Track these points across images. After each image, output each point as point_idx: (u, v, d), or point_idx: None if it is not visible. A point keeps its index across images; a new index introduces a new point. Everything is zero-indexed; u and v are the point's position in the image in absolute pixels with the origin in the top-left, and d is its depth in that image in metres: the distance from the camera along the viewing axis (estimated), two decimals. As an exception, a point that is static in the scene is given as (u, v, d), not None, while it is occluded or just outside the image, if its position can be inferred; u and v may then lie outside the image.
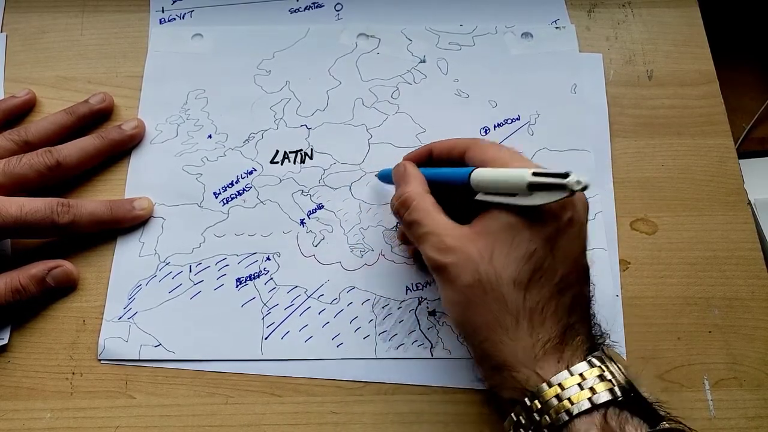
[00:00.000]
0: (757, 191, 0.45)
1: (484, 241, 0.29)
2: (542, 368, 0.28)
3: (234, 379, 0.36)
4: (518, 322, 0.28)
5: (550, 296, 0.29)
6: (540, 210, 0.29)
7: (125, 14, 0.46)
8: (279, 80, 0.44)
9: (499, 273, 0.29)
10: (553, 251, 0.29)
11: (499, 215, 0.30)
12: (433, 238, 0.31)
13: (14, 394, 0.36)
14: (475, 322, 0.29)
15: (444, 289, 0.31)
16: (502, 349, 0.29)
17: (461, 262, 0.29)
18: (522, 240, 0.29)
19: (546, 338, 0.28)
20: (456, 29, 0.45)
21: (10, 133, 0.39)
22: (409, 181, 0.34)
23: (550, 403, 0.27)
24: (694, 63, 0.45)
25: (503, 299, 0.28)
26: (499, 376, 0.29)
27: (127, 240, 0.39)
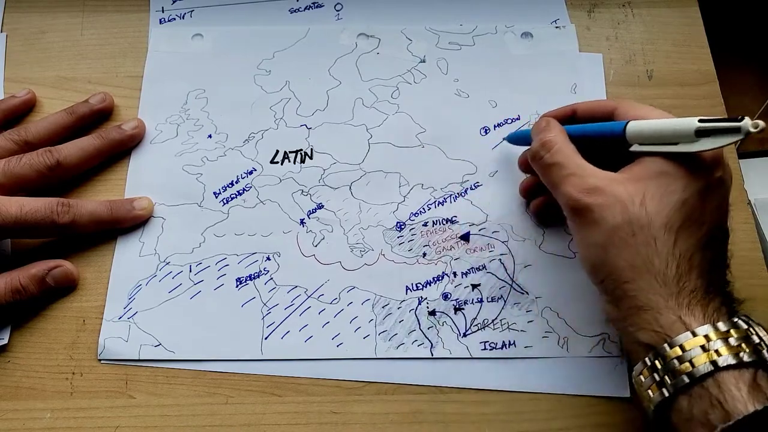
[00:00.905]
0: (757, 191, 0.45)
1: (635, 185, 0.30)
2: (687, 316, 0.28)
3: (234, 379, 0.36)
4: (667, 266, 0.28)
5: (697, 247, 0.29)
6: (695, 161, 0.29)
7: (125, 14, 0.46)
8: (279, 80, 0.44)
9: (650, 216, 0.29)
10: (704, 205, 0.29)
11: (651, 163, 0.30)
12: (575, 180, 0.31)
13: (14, 394, 0.36)
14: (618, 264, 0.29)
15: (584, 231, 0.31)
16: (648, 290, 0.28)
17: (608, 203, 0.29)
18: (676, 188, 0.29)
19: (692, 288, 0.28)
20: (456, 29, 0.45)
21: (10, 133, 0.39)
22: (551, 130, 0.34)
23: (694, 353, 0.26)
24: (694, 63, 0.45)
25: (653, 242, 0.29)
26: (639, 317, 0.29)
27: (127, 240, 0.39)
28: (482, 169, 0.41)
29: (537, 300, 0.38)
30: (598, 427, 0.35)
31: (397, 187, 0.41)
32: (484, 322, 0.37)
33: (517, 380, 0.36)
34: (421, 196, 0.40)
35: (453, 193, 0.40)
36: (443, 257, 0.39)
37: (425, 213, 0.40)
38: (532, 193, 0.39)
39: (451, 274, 0.38)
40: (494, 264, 0.39)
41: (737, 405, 0.25)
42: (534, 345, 0.37)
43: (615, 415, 0.35)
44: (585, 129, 0.34)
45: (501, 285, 0.38)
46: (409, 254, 0.39)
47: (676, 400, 0.27)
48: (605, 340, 0.37)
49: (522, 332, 0.37)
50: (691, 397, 0.26)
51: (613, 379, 0.36)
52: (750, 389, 0.25)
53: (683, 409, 0.27)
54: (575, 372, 0.36)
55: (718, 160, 0.30)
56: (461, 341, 0.37)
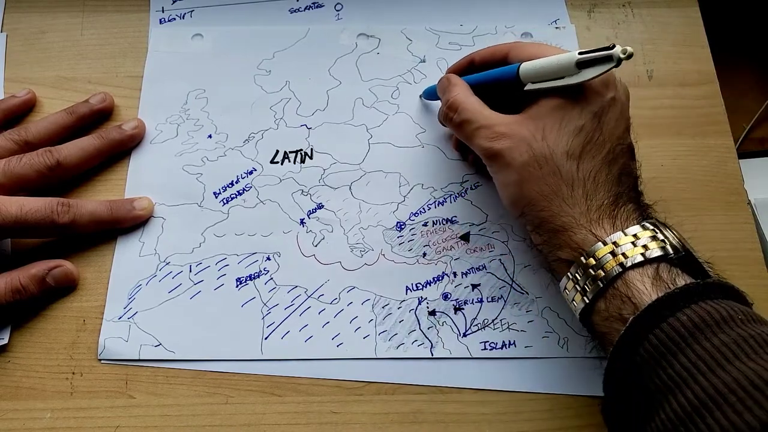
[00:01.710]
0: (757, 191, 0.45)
1: (535, 123, 0.32)
2: (597, 229, 0.30)
3: (234, 379, 0.36)
4: (573, 190, 0.31)
5: (600, 166, 0.32)
6: (585, 89, 0.32)
7: (125, 14, 0.46)
8: (279, 80, 0.44)
9: (552, 148, 0.32)
10: (601, 126, 0.32)
11: (546, 101, 0.33)
12: (484, 131, 0.34)
13: (14, 394, 0.36)
14: (531, 195, 0.32)
15: (499, 174, 0.34)
16: (560, 214, 0.31)
17: (514, 144, 0.32)
18: (571, 117, 0.32)
19: (599, 203, 0.31)
20: (456, 29, 0.45)
21: (10, 133, 0.39)
22: (453, 88, 0.36)
23: (605, 259, 0.29)
24: (694, 63, 0.45)
25: (558, 171, 0.31)
26: (557, 238, 0.32)
27: (127, 240, 0.39)
28: (482, 169, 0.41)
29: (537, 300, 0.38)
30: (598, 427, 0.35)
31: (397, 187, 0.41)
32: (484, 322, 0.37)
33: (517, 380, 0.36)
34: (421, 196, 0.40)
35: (453, 193, 0.41)
36: (443, 257, 0.39)
37: (425, 213, 0.40)
38: (462, 149, 0.41)
39: (451, 274, 0.38)
40: (494, 264, 0.39)
41: (643, 297, 0.28)
42: (534, 345, 0.37)
43: (615, 415, 0.35)
44: (483, 77, 0.36)
45: (501, 285, 0.38)
46: (409, 254, 0.39)
47: (596, 305, 0.30)
48: (605, 340, 0.37)
49: (522, 332, 0.37)
50: (606, 298, 0.29)
51: (613, 379, 0.36)
52: (653, 281, 0.28)
53: (601, 309, 0.29)
54: (575, 372, 0.36)
55: (607, 82, 0.33)
56: (461, 341, 0.37)
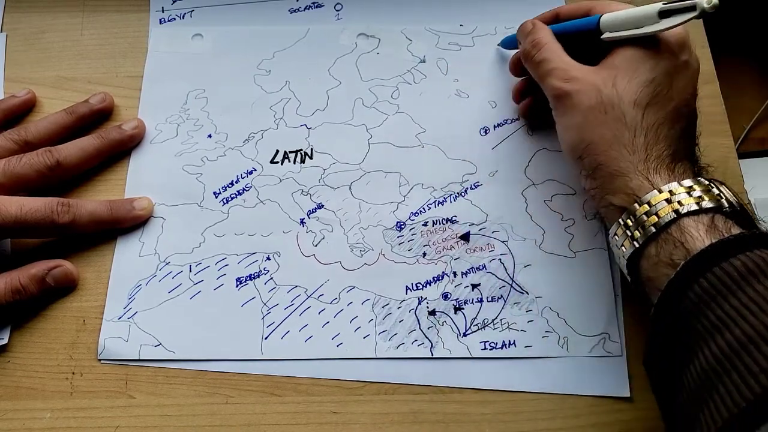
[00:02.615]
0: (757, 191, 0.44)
1: (608, 72, 0.33)
2: (654, 177, 0.31)
3: (234, 379, 0.36)
4: (635, 137, 0.32)
5: (664, 120, 0.32)
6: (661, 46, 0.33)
7: (125, 14, 0.46)
8: (279, 80, 0.44)
9: (620, 95, 0.32)
10: (671, 83, 0.33)
11: (621, 52, 0.34)
12: (559, 72, 0.35)
13: (14, 394, 0.36)
14: (593, 139, 0.33)
15: (564, 115, 0.34)
16: (618, 158, 0.32)
17: (584, 88, 0.33)
18: (644, 69, 0.33)
19: (658, 154, 0.31)
20: (456, 29, 0.45)
21: (10, 132, 0.39)
22: (537, 31, 0.38)
23: (660, 206, 0.30)
24: (694, 63, 0.45)
25: (623, 117, 0.32)
26: (612, 183, 0.32)
27: (127, 240, 0.39)
28: (482, 169, 0.41)
29: (537, 300, 0.38)
30: (598, 427, 0.35)
31: (397, 186, 0.41)
32: (484, 322, 0.37)
33: (517, 380, 0.36)
34: (421, 196, 0.40)
35: (453, 192, 0.40)
36: (443, 257, 0.39)
37: (425, 213, 0.40)
38: (523, 95, 0.42)
39: (451, 273, 0.38)
40: (494, 264, 0.39)
41: (696, 243, 0.28)
42: (534, 345, 0.37)
43: (615, 415, 0.35)
44: (566, 26, 0.38)
45: (501, 285, 0.38)
46: (409, 254, 0.39)
47: (645, 249, 0.30)
48: (605, 340, 0.37)
49: (522, 332, 0.37)
50: (658, 243, 0.30)
51: (613, 379, 0.36)
52: (708, 229, 0.29)
53: (651, 254, 0.30)
54: (575, 372, 0.36)
55: (683, 44, 0.33)
56: (461, 341, 0.37)
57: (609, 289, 0.38)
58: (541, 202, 0.40)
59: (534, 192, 0.40)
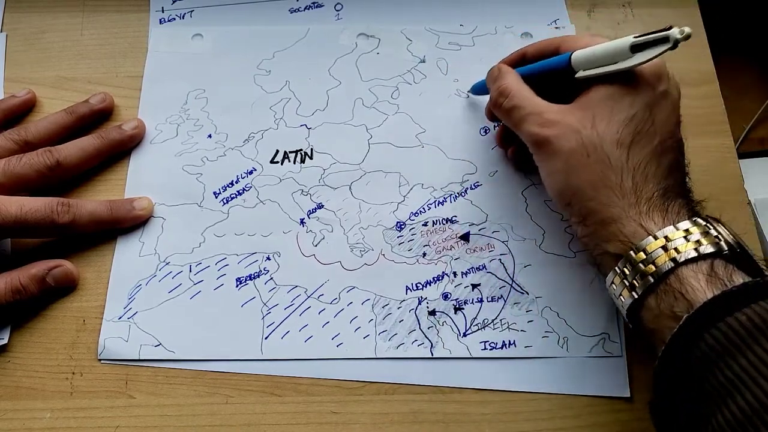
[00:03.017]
0: (757, 191, 0.45)
1: (584, 112, 0.32)
2: (647, 222, 0.30)
3: (234, 379, 0.36)
4: (622, 180, 0.31)
5: (650, 158, 0.31)
6: (637, 80, 0.32)
7: (125, 14, 0.46)
8: (279, 80, 0.44)
9: (601, 136, 0.31)
10: (652, 117, 0.32)
11: (596, 90, 0.32)
12: (533, 117, 0.33)
13: (14, 394, 0.36)
14: (578, 184, 0.31)
15: (546, 162, 0.33)
16: (609, 204, 0.31)
17: (563, 132, 0.32)
18: (622, 106, 0.31)
19: (649, 195, 0.30)
20: (456, 29, 0.45)
21: (10, 132, 0.39)
22: (504, 76, 0.36)
23: (656, 254, 0.28)
24: (694, 63, 0.45)
25: (607, 159, 0.31)
26: (605, 231, 0.31)
27: (127, 240, 0.39)
28: (482, 169, 0.41)
29: (537, 300, 0.38)
30: (598, 427, 0.35)
31: (397, 187, 0.41)
32: (484, 322, 0.37)
33: (517, 380, 0.36)
34: (421, 196, 0.40)
35: (453, 193, 0.41)
36: (443, 257, 0.39)
37: (425, 213, 0.40)
38: (506, 141, 0.40)
39: (451, 273, 0.38)
40: (494, 264, 0.39)
41: (697, 294, 0.27)
42: (534, 345, 0.37)
43: (615, 415, 0.35)
44: (535, 67, 0.36)
45: (501, 285, 0.38)
46: (409, 254, 0.39)
47: (645, 300, 0.29)
48: (605, 340, 0.37)
49: (522, 332, 0.37)
50: (657, 294, 0.28)
51: (613, 379, 0.36)
52: (708, 278, 0.27)
53: (652, 306, 0.29)
54: (575, 372, 0.36)
55: (660, 75, 0.32)
56: (461, 341, 0.37)
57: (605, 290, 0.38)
58: (541, 202, 0.40)
59: (534, 192, 0.40)
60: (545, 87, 0.35)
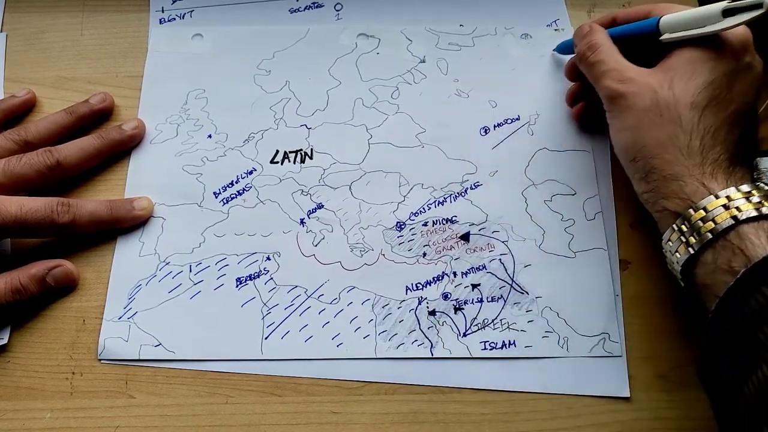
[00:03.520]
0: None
1: (664, 74, 0.33)
2: (710, 182, 0.30)
3: (234, 379, 0.36)
4: (691, 140, 0.31)
5: (722, 123, 0.31)
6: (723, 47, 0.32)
7: (125, 14, 0.46)
8: (279, 80, 0.44)
9: (677, 97, 0.32)
10: (731, 85, 0.32)
11: (680, 52, 0.33)
12: (614, 73, 0.34)
13: (14, 394, 0.36)
14: (647, 141, 0.32)
15: (618, 117, 0.34)
16: (673, 162, 0.31)
17: (639, 90, 0.33)
18: (703, 71, 0.32)
19: (715, 158, 0.31)
20: (456, 29, 0.45)
21: (10, 132, 0.39)
22: (594, 33, 0.37)
23: (716, 211, 0.29)
24: (693, 63, 0.45)
25: (679, 119, 0.31)
26: (666, 187, 0.31)
27: (127, 240, 0.39)
28: (482, 169, 0.41)
29: (537, 300, 0.38)
30: (598, 427, 0.35)
31: (397, 186, 0.41)
32: (484, 322, 0.37)
33: (517, 380, 0.36)
34: (421, 196, 0.40)
35: (453, 193, 0.41)
36: (443, 257, 0.39)
37: (425, 213, 0.40)
38: (575, 99, 0.41)
39: (451, 274, 0.38)
40: (494, 264, 0.39)
41: (757, 250, 0.27)
42: (534, 345, 0.37)
43: (614, 415, 0.35)
44: (624, 29, 0.37)
45: (501, 285, 0.38)
46: (409, 254, 0.39)
47: (701, 256, 0.29)
48: (605, 340, 0.37)
49: (522, 332, 0.37)
50: (715, 249, 0.29)
51: (613, 379, 0.36)
52: None
53: (708, 261, 0.29)
54: (575, 372, 0.36)
55: (746, 46, 0.32)
56: (461, 341, 0.37)
57: (609, 289, 0.38)
58: (541, 202, 0.40)
59: (534, 192, 0.40)
60: (632, 52, 0.36)
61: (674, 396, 0.36)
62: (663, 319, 0.38)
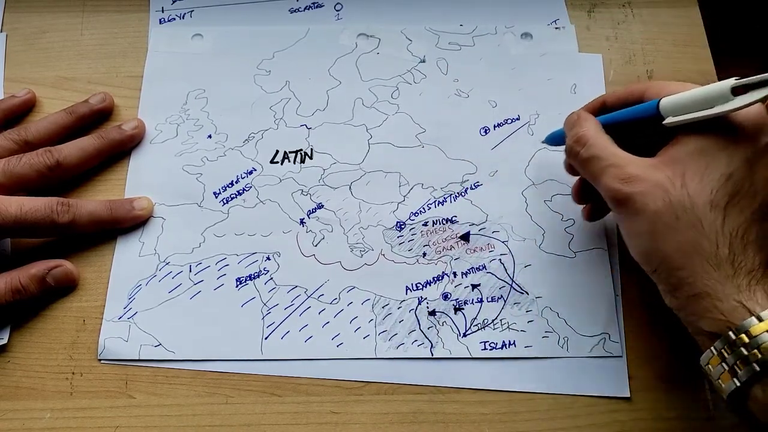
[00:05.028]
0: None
1: (673, 168, 0.28)
2: (749, 300, 0.26)
3: (234, 379, 0.36)
4: (718, 248, 0.27)
5: (751, 222, 0.27)
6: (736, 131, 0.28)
7: (125, 14, 0.46)
8: (279, 80, 0.44)
9: (692, 197, 0.27)
10: (753, 174, 0.28)
11: (688, 141, 0.29)
12: (614, 170, 0.30)
13: (14, 394, 0.36)
14: (666, 251, 0.28)
15: (628, 222, 0.30)
16: (702, 275, 0.27)
17: (648, 189, 0.28)
18: (718, 162, 0.28)
19: (749, 267, 0.27)
20: (456, 29, 0.45)
21: (10, 132, 0.39)
22: (583, 123, 0.33)
23: (762, 338, 0.25)
24: (694, 63, 0.45)
25: (699, 223, 0.27)
26: (698, 305, 0.27)
27: (127, 240, 0.39)
28: (482, 169, 0.41)
29: (537, 300, 0.38)
30: (597, 427, 0.35)
31: (397, 186, 0.41)
32: (484, 322, 0.37)
33: (517, 380, 0.36)
34: (421, 196, 0.40)
35: (453, 192, 0.41)
36: (443, 257, 0.39)
37: (425, 213, 0.40)
38: (583, 195, 0.37)
39: (451, 274, 0.38)
40: (494, 264, 0.39)
41: None
42: (534, 345, 0.37)
43: (614, 415, 0.35)
44: (618, 115, 0.33)
45: (501, 285, 0.38)
46: (409, 254, 0.39)
47: (750, 391, 0.26)
48: (605, 340, 0.37)
49: (522, 332, 0.37)
50: (765, 385, 0.25)
51: (613, 379, 0.36)
52: None
53: (759, 397, 0.26)
54: (575, 372, 0.36)
55: (763, 125, 0.28)
56: (461, 341, 0.37)
57: (609, 289, 0.38)
58: (541, 202, 0.40)
59: (534, 192, 0.40)
60: (627, 139, 0.32)
61: (674, 396, 0.36)
62: (663, 319, 0.38)
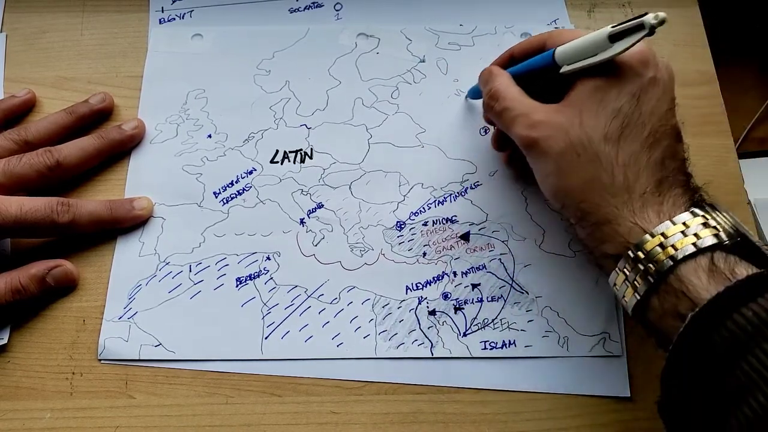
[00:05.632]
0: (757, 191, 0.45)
1: (572, 110, 0.31)
2: (643, 219, 0.29)
3: (234, 379, 0.36)
4: (614, 177, 0.30)
5: (640, 149, 0.30)
6: (623, 69, 0.31)
7: (125, 14, 0.46)
8: (279, 80, 0.44)
9: (589, 134, 0.30)
10: (640, 106, 0.30)
11: (583, 84, 0.31)
12: (522, 119, 0.33)
13: (14, 394, 0.36)
14: (571, 185, 0.31)
15: (537, 163, 0.33)
16: (601, 204, 0.30)
17: (551, 133, 0.31)
18: (609, 99, 0.31)
19: (642, 190, 0.29)
20: (456, 29, 0.45)
21: (10, 132, 0.39)
22: (494, 78, 0.35)
23: (654, 252, 0.28)
24: (694, 63, 0.45)
25: (597, 158, 0.30)
26: (601, 231, 0.30)
27: (127, 240, 0.39)
28: (482, 168, 0.41)
29: (537, 299, 0.38)
30: (598, 427, 0.35)
31: (397, 186, 0.41)
32: (484, 322, 0.37)
33: (517, 380, 0.36)
34: (421, 196, 0.40)
35: (453, 192, 0.41)
36: (443, 257, 0.39)
37: (425, 212, 0.40)
38: (502, 145, 0.40)
39: (451, 273, 0.38)
40: (494, 264, 0.39)
41: (700, 292, 0.26)
42: (534, 344, 0.37)
43: (614, 415, 0.35)
44: (522, 66, 0.36)
45: (501, 285, 0.38)
46: (409, 254, 0.39)
47: (649, 301, 0.28)
48: (605, 340, 0.37)
49: (522, 332, 0.37)
50: (660, 294, 0.28)
51: (613, 378, 0.36)
52: (709, 273, 0.26)
53: (655, 306, 0.28)
54: (575, 372, 0.36)
55: (646, 61, 0.31)
56: (461, 341, 0.37)
57: (609, 289, 0.38)
58: (541, 202, 0.40)
59: (534, 192, 0.40)
60: (538, 86, 0.34)
61: (674, 396, 0.36)
62: (663, 319, 0.38)
